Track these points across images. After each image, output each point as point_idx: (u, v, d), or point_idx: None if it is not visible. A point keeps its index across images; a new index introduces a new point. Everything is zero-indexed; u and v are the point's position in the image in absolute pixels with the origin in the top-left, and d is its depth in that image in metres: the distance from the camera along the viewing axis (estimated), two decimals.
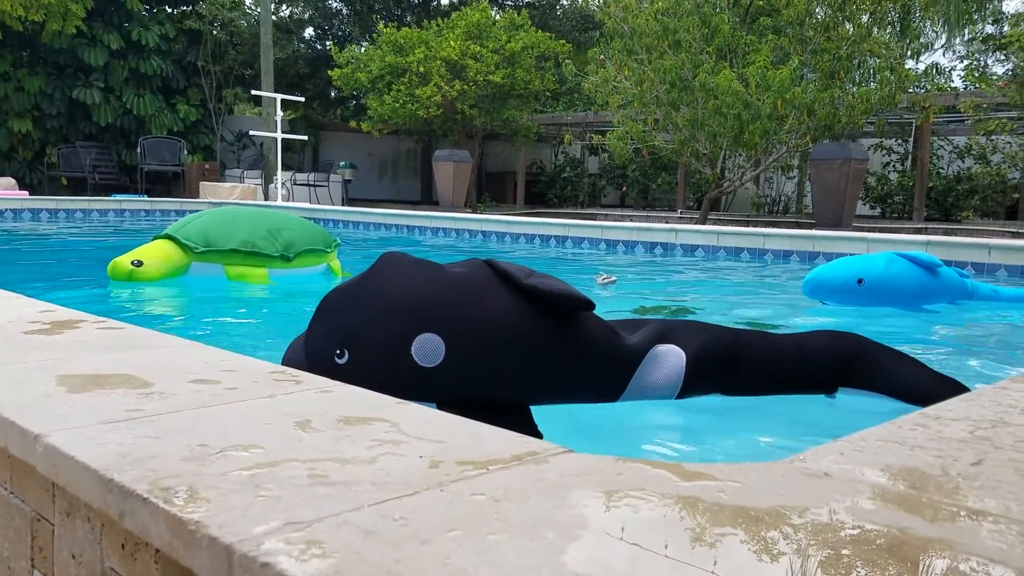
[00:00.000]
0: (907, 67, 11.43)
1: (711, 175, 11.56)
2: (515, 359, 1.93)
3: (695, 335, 2.18)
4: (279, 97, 14.47)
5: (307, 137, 17.84)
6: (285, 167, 16.34)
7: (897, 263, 4.37)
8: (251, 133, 16.45)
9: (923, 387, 2.18)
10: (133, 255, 4.76)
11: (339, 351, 1.88)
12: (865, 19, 10.55)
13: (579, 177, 19.40)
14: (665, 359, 2.11)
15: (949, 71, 18.51)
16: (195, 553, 0.78)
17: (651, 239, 8.20)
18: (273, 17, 18.46)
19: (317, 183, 16.80)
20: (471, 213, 12.50)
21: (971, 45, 19.95)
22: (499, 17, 17.55)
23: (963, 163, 15.59)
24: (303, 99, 17.70)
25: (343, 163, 18.09)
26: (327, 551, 0.72)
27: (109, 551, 0.95)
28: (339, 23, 23.12)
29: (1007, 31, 15.42)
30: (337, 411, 1.17)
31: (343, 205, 16.06)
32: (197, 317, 4.33)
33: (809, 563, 0.72)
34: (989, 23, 18.02)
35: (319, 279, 5.35)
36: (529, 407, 1.98)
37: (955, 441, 1.09)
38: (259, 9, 17.32)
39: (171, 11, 18.29)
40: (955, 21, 14.53)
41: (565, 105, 18.72)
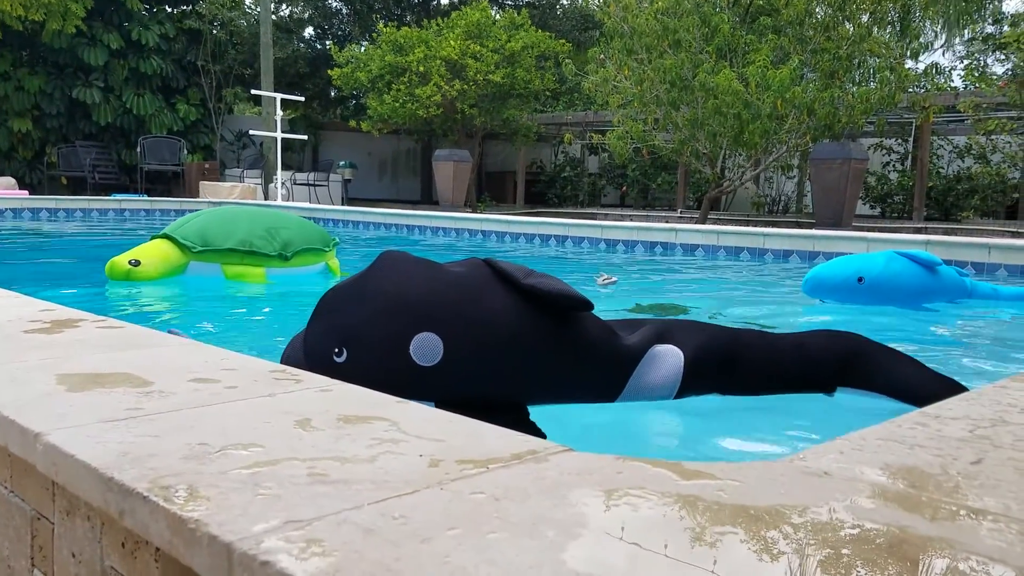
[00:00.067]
0: (907, 67, 11.43)
1: (711, 175, 11.56)
2: (514, 359, 1.93)
3: (693, 335, 2.18)
4: (279, 96, 14.46)
5: (307, 137, 17.83)
6: (285, 167, 16.33)
7: (897, 262, 4.37)
8: (251, 133, 16.45)
9: (922, 387, 2.17)
10: (131, 255, 4.76)
11: (338, 350, 1.88)
12: (865, 19, 10.55)
13: (579, 177, 19.39)
14: (663, 359, 2.11)
15: (949, 71, 18.54)
16: (195, 551, 0.78)
17: (651, 239, 8.20)
18: (273, 17, 18.45)
19: (317, 183, 16.79)
20: (471, 213, 12.49)
21: (971, 45, 19.97)
22: (499, 17, 17.55)
23: (963, 163, 15.59)
24: (303, 99, 17.69)
25: (343, 163, 18.08)
26: (327, 549, 0.72)
27: (109, 550, 0.95)
28: (339, 22, 23.12)
29: (1007, 31, 15.42)
30: (337, 410, 1.17)
31: (343, 205, 16.06)
32: (196, 316, 4.33)
33: (809, 562, 0.72)
34: (989, 23, 18.01)
35: (317, 278, 5.35)
36: (527, 407, 1.98)
37: (955, 440, 1.09)
38: (259, 8, 17.31)
39: (171, 10, 18.29)
40: (955, 21, 14.52)
41: (565, 105, 18.72)
